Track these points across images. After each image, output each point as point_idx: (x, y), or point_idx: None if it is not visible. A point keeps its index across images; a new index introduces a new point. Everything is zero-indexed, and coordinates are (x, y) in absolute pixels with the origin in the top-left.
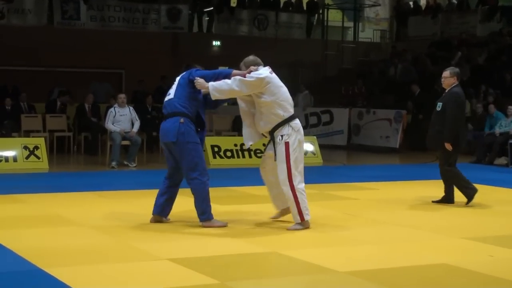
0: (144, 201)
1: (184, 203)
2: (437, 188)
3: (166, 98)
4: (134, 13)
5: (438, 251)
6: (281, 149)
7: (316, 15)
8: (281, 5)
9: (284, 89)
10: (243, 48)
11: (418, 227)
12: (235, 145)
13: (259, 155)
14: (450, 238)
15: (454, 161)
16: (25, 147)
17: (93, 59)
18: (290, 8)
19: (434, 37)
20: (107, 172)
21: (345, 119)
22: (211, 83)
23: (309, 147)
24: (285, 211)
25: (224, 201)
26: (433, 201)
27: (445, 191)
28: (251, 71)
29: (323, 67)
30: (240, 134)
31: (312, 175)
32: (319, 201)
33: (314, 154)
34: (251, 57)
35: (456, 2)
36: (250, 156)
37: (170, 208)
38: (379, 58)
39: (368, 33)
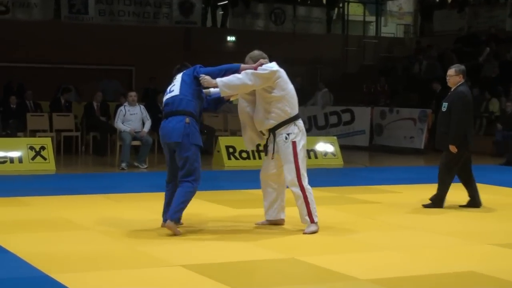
0: (155, 204)
1: (192, 206)
2: (463, 192)
3: (168, 96)
4: (145, 7)
5: (464, 258)
6: (287, 149)
7: (336, 9)
8: None
9: (291, 86)
10: (259, 43)
11: (443, 232)
12: None
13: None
14: (476, 244)
15: (458, 163)
16: (31, 148)
17: (102, 56)
18: (309, 2)
19: (460, 32)
20: (116, 173)
21: (367, 118)
22: (219, 79)
23: (329, 148)
24: (274, 222)
25: (239, 205)
26: (460, 206)
27: (470, 195)
28: (262, 64)
29: (344, 64)
30: None
31: (332, 177)
32: (339, 205)
33: (335, 155)
34: (256, 52)
35: None
36: None
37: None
38: (402, 54)
39: (391, 28)
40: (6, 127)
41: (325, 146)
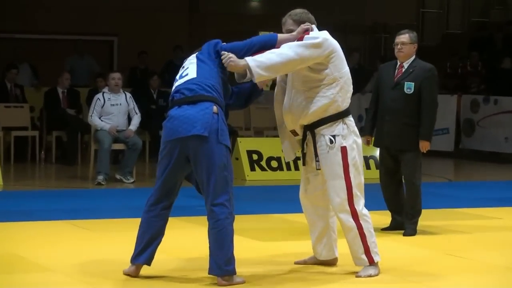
0: None
1: (202, 238)
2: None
3: (181, 80)
4: None
5: None
6: (335, 157)
7: None
8: None
9: (347, 69)
10: (291, 5)
11: None
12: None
13: None
14: None
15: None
16: None
17: (70, 22)
18: None
19: None
20: (90, 190)
21: (452, 111)
22: (249, 58)
23: None
24: (324, 262)
25: (264, 236)
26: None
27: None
28: (307, 30)
29: (419, 33)
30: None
31: None
32: (409, 236)
33: None
34: (299, 10)
35: None
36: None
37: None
38: (505, 19)
39: None
40: None
41: None
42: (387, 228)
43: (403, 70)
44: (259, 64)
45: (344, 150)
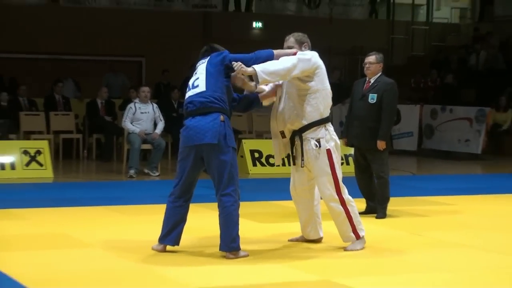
0: None
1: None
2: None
3: (193, 92)
4: None
5: None
6: (323, 158)
7: None
8: None
9: (329, 85)
10: (290, 30)
11: (504, 251)
12: None
13: None
14: None
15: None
16: (25, 152)
17: (107, 45)
18: None
19: None
20: (123, 182)
21: (415, 118)
22: (256, 65)
23: None
24: (313, 241)
25: (267, 219)
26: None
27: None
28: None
29: (389, 54)
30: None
31: None
32: (381, 219)
33: None
34: (300, 33)
35: None
36: None
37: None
38: (457, 44)
39: (444, 12)
40: None
41: None
42: (362, 212)
43: (370, 84)
44: (263, 69)
45: (329, 152)
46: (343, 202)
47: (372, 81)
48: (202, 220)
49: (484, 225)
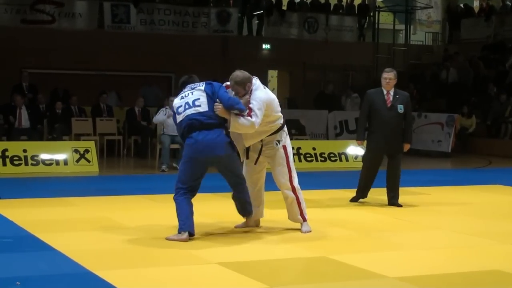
0: (194, 204)
1: (224, 206)
2: (491, 194)
3: (196, 110)
4: (184, 16)
5: (490, 258)
6: (280, 153)
7: (367, 17)
8: (332, 7)
9: (276, 101)
10: (293, 51)
11: (471, 233)
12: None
13: (308, 159)
14: (504, 244)
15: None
16: (76, 151)
17: (143, 63)
18: (341, 11)
19: (487, 40)
20: (157, 175)
21: None
22: (232, 115)
23: (359, 151)
24: (250, 223)
25: (273, 205)
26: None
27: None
28: (249, 95)
29: (374, 71)
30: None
31: None
32: (369, 206)
33: None
34: (239, 74)
35: (510, 4)
36: (300, 160)
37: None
38: (431, 61)
39: (420, 36)
40: (52, 131)
41: (355, 150)
42: (352, 199)
43: (391, 96)
44: (237, 123)
45: (285, 147)
46: (294, 190)
47: (392, 93)
48: (217, 207)
49: (454, 211)
